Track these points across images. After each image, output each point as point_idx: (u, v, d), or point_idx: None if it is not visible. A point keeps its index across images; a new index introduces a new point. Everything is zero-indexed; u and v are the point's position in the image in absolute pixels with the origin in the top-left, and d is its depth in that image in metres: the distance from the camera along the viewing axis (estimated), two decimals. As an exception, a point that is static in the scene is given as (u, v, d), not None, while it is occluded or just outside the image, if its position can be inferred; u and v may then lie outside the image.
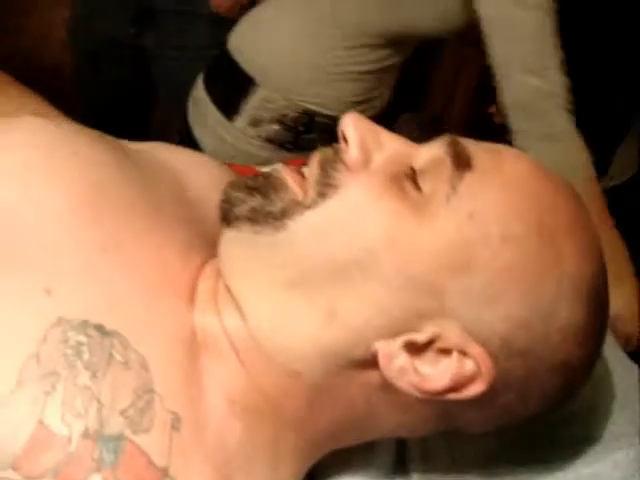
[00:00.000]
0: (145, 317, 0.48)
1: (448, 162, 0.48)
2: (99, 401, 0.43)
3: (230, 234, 0.51)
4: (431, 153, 0.50)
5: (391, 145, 0.51)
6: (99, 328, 0.45)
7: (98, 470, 0.42)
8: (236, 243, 0.51)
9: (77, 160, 0.52)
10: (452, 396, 0.46)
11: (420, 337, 0.46)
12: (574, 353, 0.48)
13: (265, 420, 0.50)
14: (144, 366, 0.46)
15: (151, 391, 0.45)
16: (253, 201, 0.50)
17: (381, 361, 0.46)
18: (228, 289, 0.51)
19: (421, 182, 0.49)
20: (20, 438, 0.41)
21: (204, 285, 0.53)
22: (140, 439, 0.44)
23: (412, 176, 0.49)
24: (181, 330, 0.50)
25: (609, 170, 1.56)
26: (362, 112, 0.53)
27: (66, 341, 0.44)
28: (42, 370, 0.42)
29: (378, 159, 0.50)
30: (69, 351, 0.44)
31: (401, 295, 0.46)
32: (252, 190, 0.50)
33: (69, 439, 0.42)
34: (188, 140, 1.34)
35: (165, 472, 0.44)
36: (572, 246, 0.47)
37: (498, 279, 0.45)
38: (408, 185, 0.48)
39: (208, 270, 0.55)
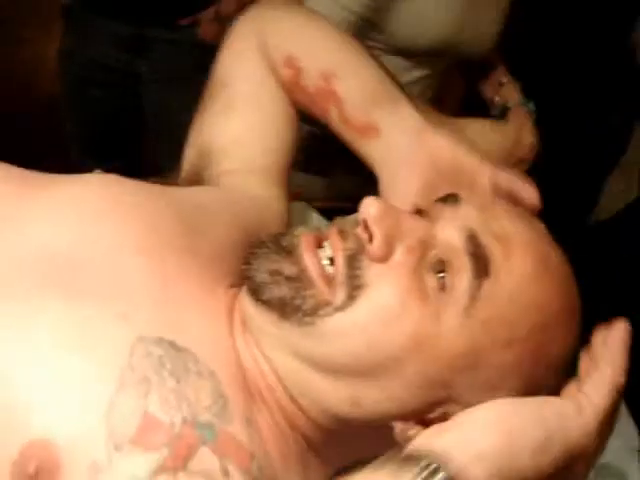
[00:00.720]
0: (205, 338, 0.55)
1: (467, 266, 0.52)
2: (187, 400, 0.50)
3: (257, 310, 0.55)
4: (450, 240, 0.54)
5: (412, 233, 0.54)
6: (172, 344, 0.52)
7: (204, 444, 0.49)
8: (263, 319, 0.55)
9: (139, 210, 0.60)
10: None
11: (430, 416, 0.53)
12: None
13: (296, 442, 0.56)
14: (213, 376, 0.52)
15: (223, 396, 0.52)
16: (281, 290, 0.54)
17: (396, 433, 0.53)
18: (257, 343, 0.56)
19: (443, 274, 0.53)
20: (132, 423, 0.47)
21: (238, 315, 0.59)
22: (228, 428, 0.50)
23: (434, 268, 0.53)
24: (230, 352, 0.56)
25: (598, 203, 1.60)
26: None
27: (150, 354, 0.51)
28: (137, 377, 0.49)
29: (400, 249, 0.53)
30: (155, 362, 0.50)
31: (418, 392, 0.53)
32: (277, 276, 0.54)
33: (172, 424, 0.48)
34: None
35: (252, 455, 0.51)
36: (562, 334, 0.55)
37: (501, 374, 0.52)
38: (430, 277, 0.52)
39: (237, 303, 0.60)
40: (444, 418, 0.51)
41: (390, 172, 0.66)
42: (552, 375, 0.54)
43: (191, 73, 1.38)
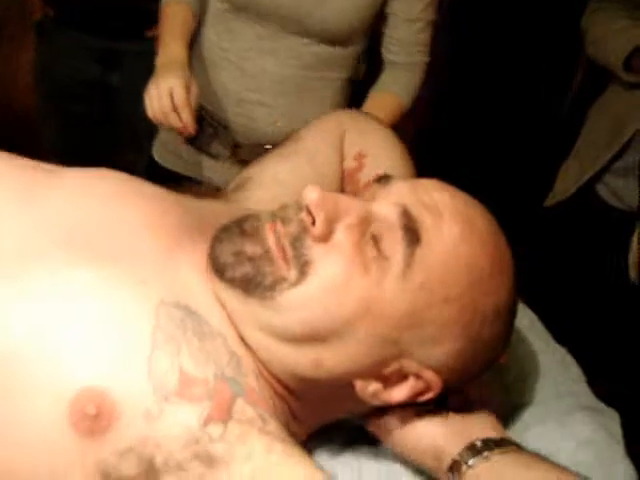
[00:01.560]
0: (208, 304, 0.61)
1: (400, 237, 0.58)
2: (212, 357, 0.57)
3: (222, 286, 0.61)
4: (386, 215, 0.60)
5: (351, 212, 0.60)
6: (187, 308, 0.59)
7: (238, 396, 0.57)
8: (228, 296, 0.61)
9: (145, 194, 0.68)
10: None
11: (386, 371, 0.60)
12: (497, 348, 0.65)
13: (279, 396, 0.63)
14: (222, 336, 0.60)
15: (235, 354, 0.59)
16: (244, 269, 0.60)
17: (358, 390, 0.61)
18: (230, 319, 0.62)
19: (381, 245, 0.59)
20: (172, 378, 0.55)
21: None
22: (248, 381, 0.59)
23: (372, 241, 0.59)
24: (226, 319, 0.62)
25: (553, 187, 1.66)
26: None
27: (172, 316, 0.58)
28: (166, 336, 0.56)
29: (341, 227, 0.60)
30: (178, 323, 0.57)
31: (371, 350, 0.59)
32: (243, 258, 0.60)
33: (206, 379, 0.56)
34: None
35: (271, 403, 0.60)
36: (494, 288, 0.61)
37: (442, 328, 0.59)
38: (370, 249, 0.59)
39: None
40: (399, 372, 0.60)
41: None
42: (489, 324, 0.61)
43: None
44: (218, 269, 0.61)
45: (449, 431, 0.62)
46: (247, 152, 1.31)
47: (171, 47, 1.20)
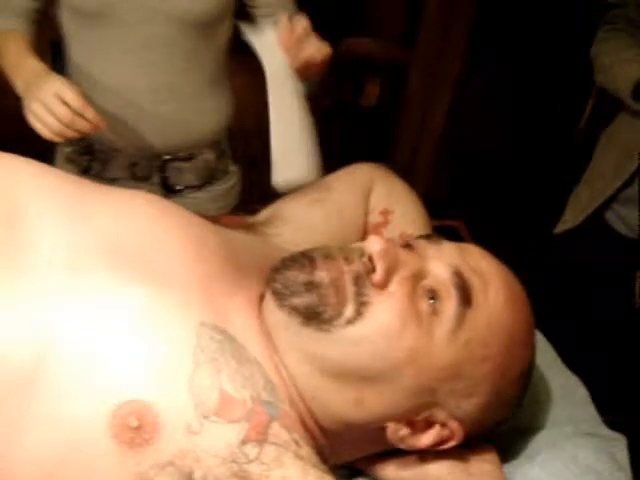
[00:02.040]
0: (245, 331, 0.63)
1: (454, 297, 0.63)
2: (249, 380, 0.59)
3: (281, 316, 0.64)
4: (439, 273, 0.65)
5: (408, 265, 0.65)
6: (224, 332, 0.61)
7: (274, 419, 0.59)
8: (284, 326, 0.64)
9: (189, 222, 0.70)
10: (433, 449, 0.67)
11: (417, 418, 0.65)
12: (513, 406, 0.70)
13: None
14: (258, 363, 0.62)
15: (271, 380, 0.62)
16: (310, 298, 0.63)
17: (389, 433, 0.65)
18: (276, 350, 0.65)
19: (436, 301, 0.63)
20: (212, 397, 0.57)
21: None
22: (284, 407, 0.61)
23: (426, 295, 0.64)
24: (264, 349, 0.65)
25: (563, 214, 1.66)
26: None
27: (212, 337, 0.60)
28: (206, 357, 0.58)
29: (398, 278, 0.64)
30: (217, 345, 0.60)
31: (410, 396, 0.63)
32: (311, 287, 0.63)
33: (244, 401, 0.58)
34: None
35: (305, 429, 0.62)
36: (523, 353, 0.68)
37: (476, 384, 0.64)
38: (424, 302, 0.63)
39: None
40: (427, 420, 0.64)
41: None
42: (514, 386, 0.67)
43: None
44: (280, 294, 0.64)
45: (450, 472, 0.66)
46: (144, 168, 1.30)
47: (25, 64, 1.09)
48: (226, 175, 1.43)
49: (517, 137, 2.26)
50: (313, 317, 0.62)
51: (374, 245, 0.64)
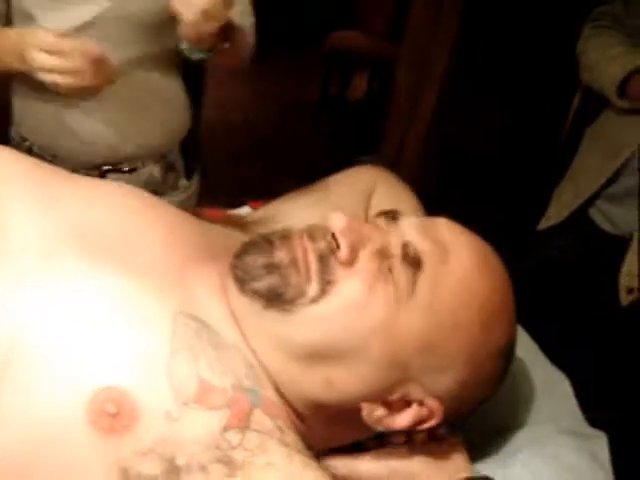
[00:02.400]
0: (219, 318, 0.63)
1: (403, 264, 0.62)
2: (229, 367, 0.59)
3: (243, 301, 0.63)
4: (394, 247, 0.64)
5: (373, 240, 0.64)
6: (200, 320, 0.61)
7: (255, 406, 0.58)
8: (248, 310, 0.63)
9: (166, 212, 0.71)
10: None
11: (392, 397, 0.63)
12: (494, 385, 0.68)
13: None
14: (238, 348, 0.61)
15: (253, 365, 0.61)
16: (271, 279, 0.62)
17: (364, 414, 0.63)
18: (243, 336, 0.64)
19: (393, 273, 0.62)
20: (191, 385, 0.56)
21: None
22: (266, 393, 0.60)
23: (389, 270, 0.63)
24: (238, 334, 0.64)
25: (547, 210, 1.67)
26: None
27: (188, 325, 0.59)
28: (183, 344, 0.58)
29: (365, 254, 0.63)
30: (193, 333, 0.59)
31: (381, 372, 0.62)
32: (271, 268, 0.62)
33: (225, 389, 0.57)
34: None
35: (289, 415, 0.62)
36: (500, 326, 0.65)
37: (450, 356, 0.62)
38: (387, 276, 0.62)
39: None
40: (403, 399, 0.63)
41: None
42: (493, 360, 0.65)
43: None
44: (241, 279, 0.63)
45: (425, 467, 0.65)
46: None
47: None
48: (175, 190, 1.33)
49: (504, 133, 2.27)
50: (275, 299, 0.61)
51: (337, 222, 0.63)
